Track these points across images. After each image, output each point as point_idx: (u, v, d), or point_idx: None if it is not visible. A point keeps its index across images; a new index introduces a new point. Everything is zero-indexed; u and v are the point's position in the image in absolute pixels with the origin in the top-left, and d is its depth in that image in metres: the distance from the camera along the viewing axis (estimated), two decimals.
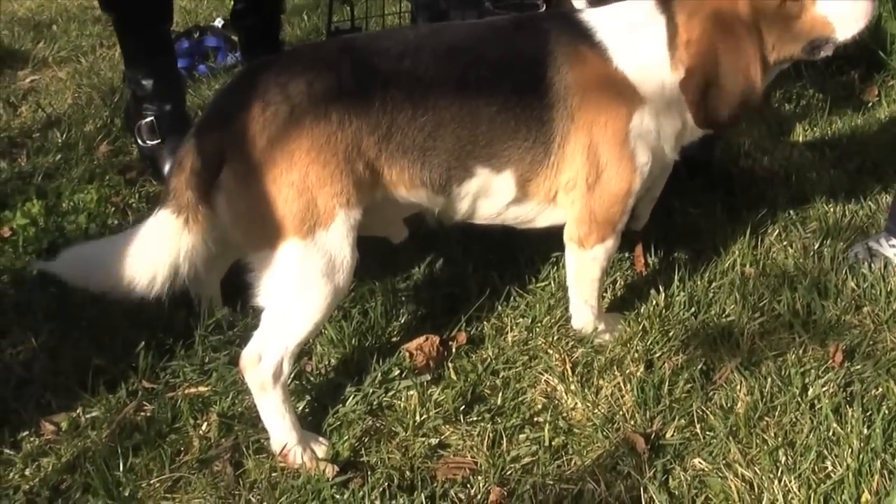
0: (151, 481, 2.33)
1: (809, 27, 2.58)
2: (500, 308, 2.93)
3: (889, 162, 3.88)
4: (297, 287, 2.34)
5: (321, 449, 2.41)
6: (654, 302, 2.94)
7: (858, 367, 2.70)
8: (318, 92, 2.34)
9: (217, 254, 2.51)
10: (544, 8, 3.27)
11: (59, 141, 4.03)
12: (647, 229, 3.23)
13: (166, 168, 3.47)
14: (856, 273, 3.12)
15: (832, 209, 3.51)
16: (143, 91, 3.65)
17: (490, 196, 2.60)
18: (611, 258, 2.77)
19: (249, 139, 2.30)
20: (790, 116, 4.32)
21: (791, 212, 3.47)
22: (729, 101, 2.50)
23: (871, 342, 2.80)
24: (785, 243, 3.29)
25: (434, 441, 2.45)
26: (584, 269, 2.75)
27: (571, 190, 2.60)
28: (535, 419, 2.54)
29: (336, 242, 2.34)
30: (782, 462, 2.38)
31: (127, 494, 2.29)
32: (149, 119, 3.66)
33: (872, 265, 3.15)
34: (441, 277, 3.07)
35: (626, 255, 3.19)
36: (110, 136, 4.08)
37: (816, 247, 3.26)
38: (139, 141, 3.72)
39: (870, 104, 4.49)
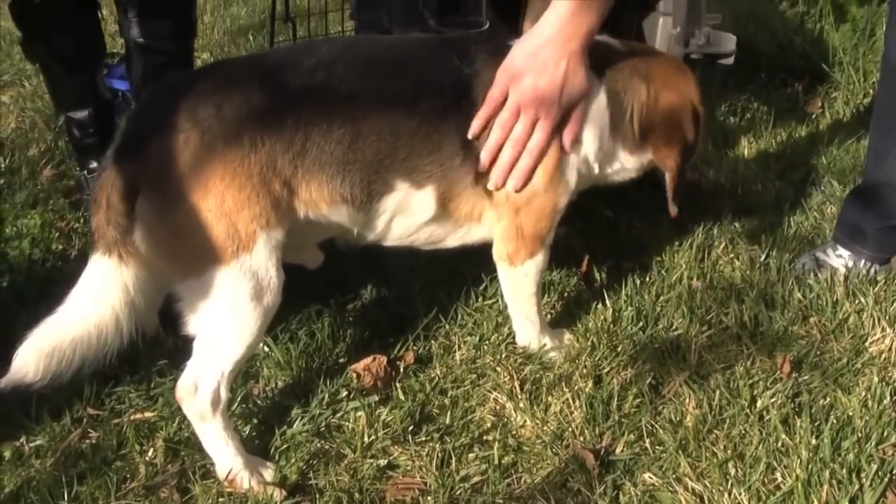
0: None
1: None
2: (447, 326, 2.92)
3: (833, 173, 3.93)
4: (227, 313, 2.31)
5: (268, 473, 2.38)
6: (602, 317, 2.94)
7: (806, 377, 2.71)
8: (228, 115, 2.29)
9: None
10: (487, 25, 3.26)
11: (3, 165, 3.97)
12: (593, 243, 3.25)
13: None
14: (802, 284, 3.14)
15: (778, 220, 3.54)
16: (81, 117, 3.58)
17: (408, 213, 2.57)
18: (543, 272, 2.76)
19: (161, 168, 2.26)
20: (735, 129, 4.35)
21: (737, 224, 3.49)
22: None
23: (818, 352, 2.82)
24: (731, 255, 3.31)
25: (383, 462, 2.43)
26: (518, 287, 2.74)
27: (496, 206, 2.60)
28: (485, 437, 2.53)
29: (261, 264, 2.31)
30: (732, 474, 2.38)
31: None
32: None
33: (819, 275, 3.17)
34: (388, 297, 3.05)
35: (573, 269, 3.19)
36: (54, 159, 4.03)
37: (763, 258, 3.28)
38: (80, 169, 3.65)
39: (813, 115, 4.55)
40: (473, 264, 3.10)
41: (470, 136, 2.46)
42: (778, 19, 5.38)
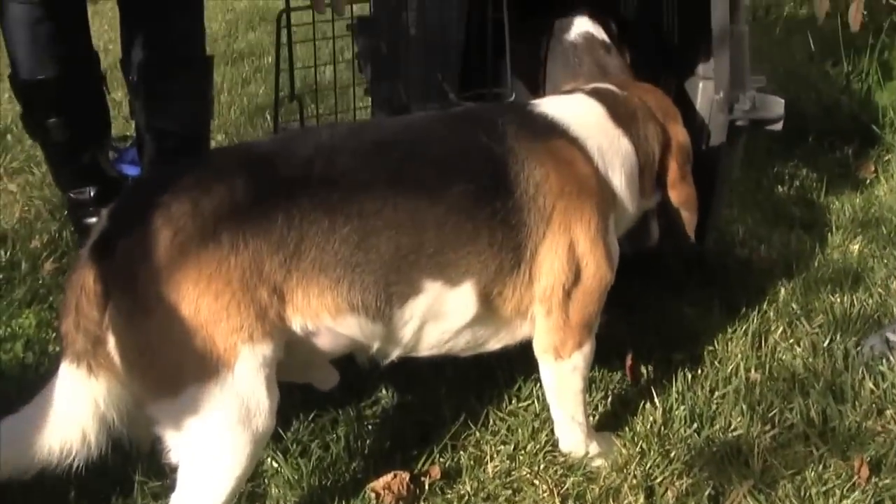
0: None
1: None
2: (478, 434, 2.60)
3: (894, 243, 3.61)
4: (210, 441, 2.01)
5: None
6: (651, 419, 2.63)
7: (887, 480, 2.39)
8: (206, 211, 2.01)
9: None
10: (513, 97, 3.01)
11: (3, 260, 3.72)
12: (638, 333, 2.95)
13: None
14: (873, 371, 2.82)
15: (839, 299, 3.22)
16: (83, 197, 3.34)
17: (442, 317, 2.26)
18: (590, 365, 2.46)
19: (129, 271, 1.99)
20: (784, 199, 4.05)
21: (794, 305, 3.17)
22: None
23: None
24: (791, 341, 2.99)
25: None
26: (565, 383, 2.44)
27: (547, 299, 2.31)
28: None
29: (246, 384, 2.01)
30: None
31: None
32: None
33: (891, 359, 2.85)
34: (411, 402, 2.74)
35: (617, 364, 2.87)
36: (57, 251, 3.78)
37: (826, 343, 2.97)
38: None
39: (867, 181, 4.24)
40: (505, 363, 2.79)
41: None
42: (821, 80, 5.11)
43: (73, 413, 2.03)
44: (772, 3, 6.63)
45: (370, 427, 2.63)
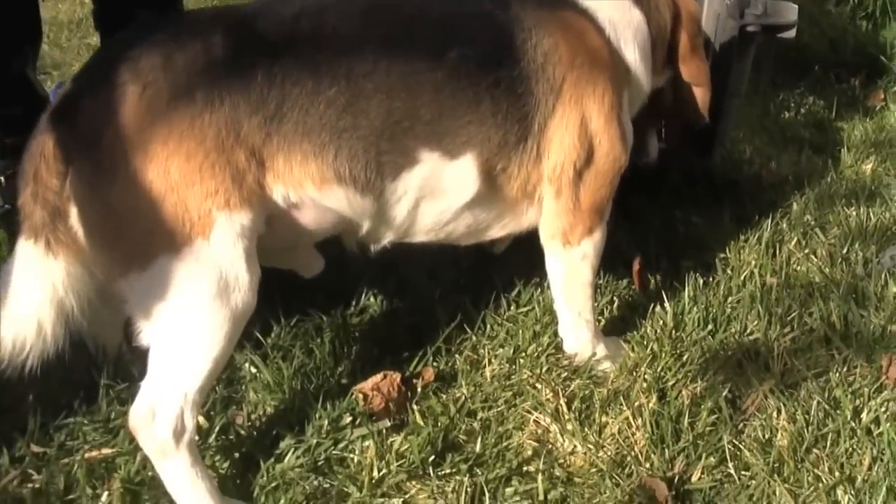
0: None
1: None
2: (474, 338, 2.40)
3: None
4: (185, 317, 1.81)
5: None
6: (662, 322, 2.43)
7: None
8: (178, 66, 1.81)
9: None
10: None
11: None
12: (645, 242, 2.75)
13: None
14: None
15: (854, 212, 3.02)
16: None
17: (440, 194, 2.06)
18: (600, 256, 2.26)
19: (95, 133, 1.78)
20: (792, 123, 3.85)
21: (808, 217, 2.98)
22: None
23: None
24: (807, 251, 2.80)
25: (397, 501, 1.92)
26: (573, 273, 2.24)
27: (556, 179, 2.11)
28: (525, 468, 2.02)
29: (223, 254, 1.81)
30: (844, 502, 1.86)
31: None
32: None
33: None
34: (402, 307, 2.53)
35: (623, 273, 2.67)
36: None
37: (844, 252, 2.77)
38: None
39: (877, 108, 4.04)
40: (503, 268, 2.59)
41: None
42: (826, 17, 4.92)
43: (29, 297, 1.80)
44: None
45: (357, 334, 2.42)
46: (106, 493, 1.95)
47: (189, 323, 1.81)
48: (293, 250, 2.18)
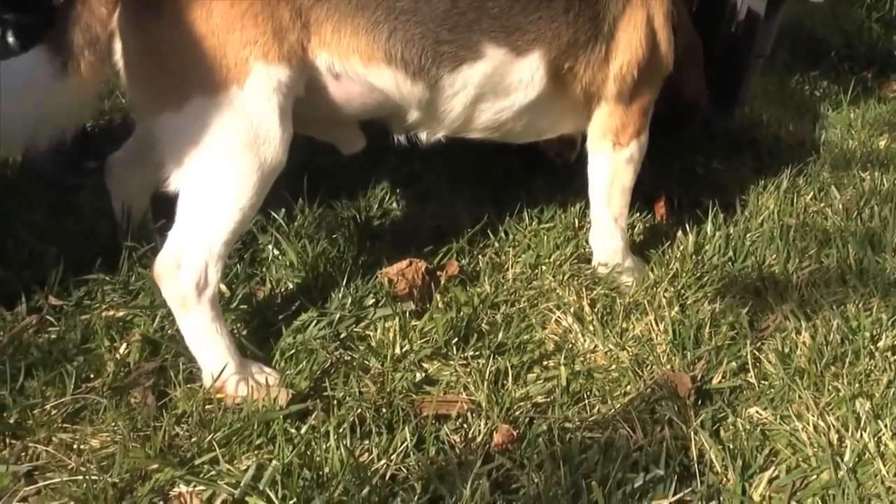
0: (47, 406, 1.75)
1: None
2: (497, 244, 2.40)
3: None
4: (212, 163, 1.78)
5: (270, 378, 1.84)
6: (683, 246, 2.43)
7: None
8: None
9: (148, 151, 1.96)
10: None
11: None
12: (667, 182, 2.76)
13: None
14: None
15: (868, 177, 3.05)
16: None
17: (503, 92, 2.03)
18: (641, 161, 2.28)
19: None
20: (808, 99, 3.88)
21: (825, 174, 3.00)
22: None
23: None
24: (823, 204, 2.81)
25: (419, 376, 1.91)
26: (618, 175, 2.25)
27: (621, 78, 2.11)
28: (546, 362, 2.01)
29: (256, 105, 1.78)
30: (863, 411, 1.86)
31: (13, 421, 1.71)
32: None
33: None
34: (424, 213, 2.52)
35: (644, 208, 2.67)
36: None
37: (859, 208, 2.79)
38: None
39: (892, 97, 4.07)
40: (526, 188, 2.59)
41: None
42: (843, 16, 4.97)
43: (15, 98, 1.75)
44: None
45: (380, 232, 2.41)
46: (125, 344, 1.93)
47: (217, 170, 1.79)
48: (336, 126, 2.16)
